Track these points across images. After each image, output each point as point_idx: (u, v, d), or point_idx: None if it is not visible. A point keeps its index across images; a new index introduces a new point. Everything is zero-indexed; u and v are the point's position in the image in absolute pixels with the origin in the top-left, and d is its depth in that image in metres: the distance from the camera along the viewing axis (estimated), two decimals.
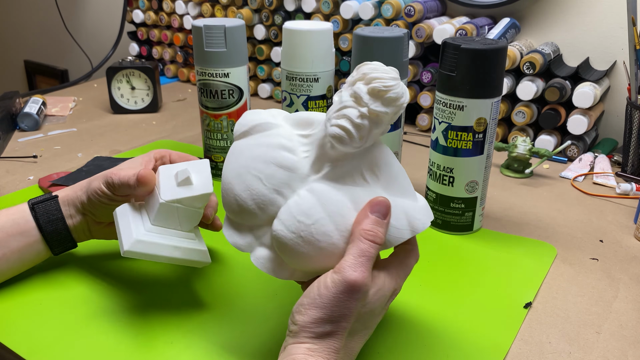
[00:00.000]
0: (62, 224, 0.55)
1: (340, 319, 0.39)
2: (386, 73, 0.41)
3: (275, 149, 0.44)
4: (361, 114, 0.41)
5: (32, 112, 1.02)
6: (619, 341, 0.50)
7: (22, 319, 0.51)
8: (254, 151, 0.44)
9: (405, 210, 0.43)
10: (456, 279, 0.58)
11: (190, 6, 1.27)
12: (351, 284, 0.39)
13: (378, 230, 0.41)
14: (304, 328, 0.39)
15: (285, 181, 0.43)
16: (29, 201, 0.55)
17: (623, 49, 0.92)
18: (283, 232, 0.42)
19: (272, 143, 0.44)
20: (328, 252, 0.41)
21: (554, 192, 0.80)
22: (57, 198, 0.55)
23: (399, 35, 0.66)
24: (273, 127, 0.46)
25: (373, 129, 0.41)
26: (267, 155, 0.44)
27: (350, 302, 0.39)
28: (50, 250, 0.56)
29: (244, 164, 0.44)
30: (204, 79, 0.76)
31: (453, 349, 0.48)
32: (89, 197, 0.54)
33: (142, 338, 0.49)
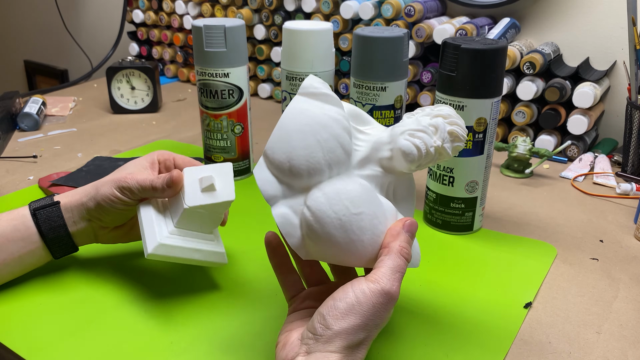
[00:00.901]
0: (64, 230, 0.54)
1: (373, 328, 0.39)
2: (463, 125, 0.46)
3: (340, 127, 0.43)
4: (435, 145, 0.44)
5: (32, 112, 1.02)
6: (619, 341, 0.50)
7: (22, 319, 0.51)
8: (323, 119, 0.43)
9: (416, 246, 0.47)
10: (456, 279, 0.58)
11: (190, 6, 1.27)
12: (390, 296, 0.39)
13: (410, 249, 0.42)
14: (340, 334, 0.38)
15: (339, 161, 0.43)
16: (30, 205, 0.55)
17: (623, 49, 0.92)
18: (324, 206, 0.41)
19: (338, 119, 0.44)
20: (353, 248, 0.42)
21: (554, 192, 0.80)
22: (59, 204, 0.55)
23: (399, 35, 0.66)
24: (338, 103, 0.46)
25: (430, 161, 0.45)
26: (335, 130, 0.43)
27: (385, 313, 0.39)
28: (51, 255, 0.55)
29: (311, 123, 0.43)
30: (204, 79, 0.76)
31: (453, 349, 0.48)
32: (98, 203, 0.53)
33: (142, 338, 0.49)
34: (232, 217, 0.69)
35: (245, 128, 0.80)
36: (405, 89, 0.71)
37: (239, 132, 0.79)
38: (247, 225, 0.68)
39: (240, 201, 0.73)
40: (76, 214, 0.55)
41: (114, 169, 0.81)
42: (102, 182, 0.55)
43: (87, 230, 0.56)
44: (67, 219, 0.55)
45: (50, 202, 0.55)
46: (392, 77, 0.68)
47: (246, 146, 0.81)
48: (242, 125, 0.79)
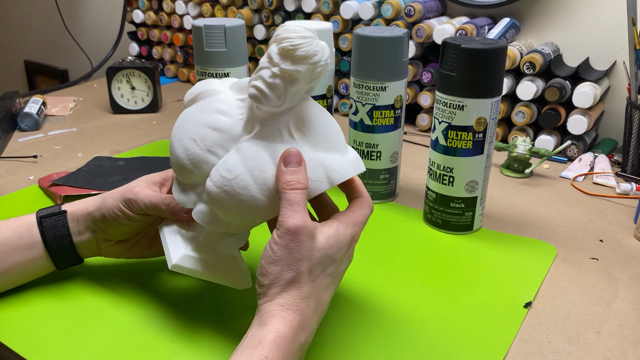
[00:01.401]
0: (68, 240, 0.54)
1: (296, 263, 0.41)
2: (296, 32, 0.43)
3: (211, 113, 0.47)
4: (273, 74, 0.43)
5: (32, 112, 1.02)
6: (619, 341, 0.50)
7: (23, 318, 0.51)
8: (192, 116, 0.48)
9: (324, 163, 0.45)
10: (456, 279, 0.58)
11: (190, 6, 1.27)
12: (293, 230, 0.41)
13: (297, 177, 0.43)
14: (270, 285, 0.42)
15: (217, 142, 0.46)
16: (38, 213, 0.54)
17: (623, 49, 0.92)
18: (211, 187, 0.45)
19: (209, 107, 0.48)
20: (249, 205, 0.44)
21: (554, 192, 0.80)
22: (65, 214, 0.54)
23: (399, 35, 0.66)
24: (215, 93, 0.49)
25: (288, 87, 0.44)
26: (202, 119, 0.47)
27: (300, 246, 0.41)
28: (54, 265, 0.55)
29: (183, 127, 0.48)
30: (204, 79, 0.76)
31: (453, 349, 0.48)
32: (103, 215, 0.53)
33: (142, 337, 0.49)
34: None
35: None
36: (405, 88, 0.71)
37: None
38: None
39: None
40: (82, 224, 0.54)
41: (114, 169, 0.81)
42: (110, 193, 0.54)
43: (90, 241, 0.55)
44: (72, 229, 0.54)
45: (57, 210, 0.54)
46: (392, 77, 0.68)
47: None
48: None
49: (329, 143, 0.46)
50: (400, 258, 0.62)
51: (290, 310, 0.41)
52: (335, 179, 0.45)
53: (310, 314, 0.42)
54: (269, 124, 0.45)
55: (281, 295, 0.41)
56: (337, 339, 0.49)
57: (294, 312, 0.41)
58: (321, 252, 0.42)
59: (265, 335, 0.39)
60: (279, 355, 0.39)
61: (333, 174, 0.45)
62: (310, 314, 0.42)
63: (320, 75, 0.45)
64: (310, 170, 0.44)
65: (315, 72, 0.44)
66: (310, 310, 0.42)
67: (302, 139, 0.46)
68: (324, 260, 0.43)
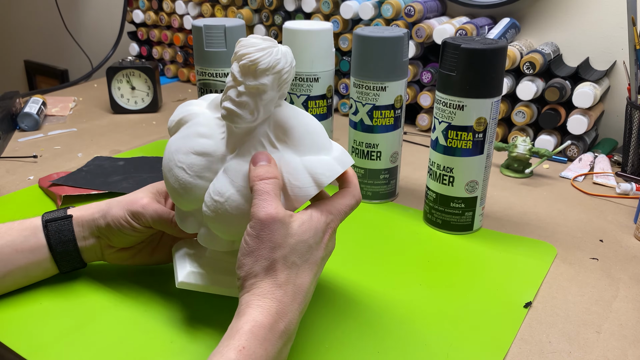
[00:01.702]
0: (72, 245, 0.54)
1: (270, 251, 0.41)
2: (253, 46, 0.43)
3: (193, 138, 0.47)
4: (239, 92, 0.43)
5: (32, 112, 1.02)
6: (619, 341, 0.50)
7: (23, 318, 0.51)
8: (177, 144, 0.48)
9: (309, 167, 0.45)
10: (456, 279, 0.58)
11: (190, 6, 1.27)
12: (263, 220, 0.42)
13: (266, 169, 0.44)
14: (246, 277, 0.42)
15: (205, 166, 0.47)
16: (43, 216, 0.54)
17: (623, 49, 0.92)
18: (206, 212, 0.46)
19: (190, 133, 0.48)
20: (245, 222, 0.44)
21: (554, 192, 0.80)
22: (71, 218, 0.54)
23: (399, 35, 0.66)
24: (195, 116, 0.49)
25: (258, 101, 0.44)
26: (186, 146, 0.47)
27: (272, 235, 0.42)
28: (58, 268, 0.55)
29: (171, 157, 0.48)
30: (204, 79, 0.76)
31: (453, 349, 0.48)
32: (108, 223, 0.53)
33: (142, 337, 0.49)
34: None
35: None
36: (405, 88, 0.71)
37: None
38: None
39: None
40: (86, 229, 0.54)
41: (114, 169, 0.81)
42: (116, 200, 0.54)
43: (94, 247, 0.55)
44: (77, 234, 0.54)
45: (63, 215, 0.54)
46: (392, 77, 0.68)
47: None
48: None
49: (311, 145, 0.46)
50: (400, 258, 0.62)
51: (266, 298, 0.41)
52: (322, 181, 0.45)
53: (288, 301, 0.41)
54: (250, 138, 0.46)
55: (257, 285, 0.41)
56: (337, 338, 0.49)
57: (271, 300, 0.41)
58: (294, 237, 0.42)
59: (242, 325, 0.39)
60: (256, 343, 0.38)
61: (319, 177, 0.45)
62: (288, 301, 0.41)
63: (288, 81, 0.45)
64: (296, 178, 0.45)
65: (281, 80, 0.44)
66: (288, 297, 0.41)
67: (284, 146, 0.46)
68: (298, 246, 0.42)
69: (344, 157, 0.47)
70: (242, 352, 0.37)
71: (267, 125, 0.46)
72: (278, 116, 0.46)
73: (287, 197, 0.45)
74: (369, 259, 0.61)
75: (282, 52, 0.44)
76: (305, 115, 0.47)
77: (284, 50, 0.44)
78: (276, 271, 0.42)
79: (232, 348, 0.38)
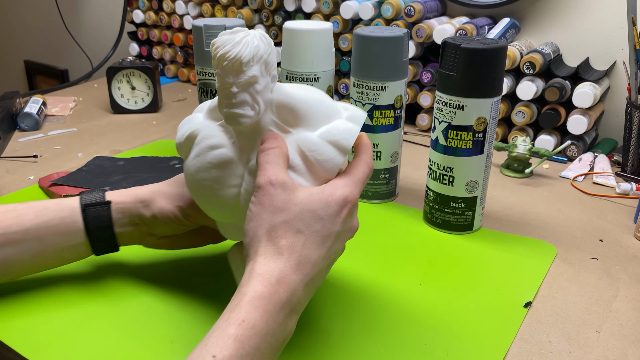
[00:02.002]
0: (110, 231, 0.53)
1: (271, 216, 0.41)
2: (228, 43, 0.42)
3: (207, 153, 0.47)
4: (232, 93, 0.43)
5: (33, 112, 1.02)
6: (619, 340, 0.50)
7: (23, 317, 0.51)
8: (194, 164, 0.48)
9: (327, 137, 0.44)
10: (456, 279, 0.58)
11: (190, 6, 1.27)
12: (262, 185, 0.41)
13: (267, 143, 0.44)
14: (249, 244, 0.41)
15: (229, 174, 0.46)
16: (81, 199, 0.53)
17: (623, 49, 0.92)
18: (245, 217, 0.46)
19: (203, 149, 0.47)
20: None
21: (554, 192, 0.80)
22: (110, 205, 0.53)
23: (399, 35, 0.66)
24: (199, 131, 0.48)
25: (254, 94, 0.43)
26: (204, 163, 0.47)
27: (272, 199, 0.41)
28: (92, 252, 0.54)
29: (194, 179, 0.48)
30: (204, 79, 0.76)
31: (453, 349, 0.48)
32: (154, 215, 0.53)
33: (142, 337, 0.49)
34: None
35: None
36: (405, 88, 0.71)
37: None
38: None
39: None
40: (126, 217, 0.54)
41: (114, 169, 0.81)
42: (160, 192, 0.53)
43: (133, 233, 0.55)
44: (116, 220, 0.53)
45: (102, 200, 0.53)
46: (392, 77, 0.68)
47: None
48: None
49: (319, 116, 0.45)
50: (400, 258, 0.62)
51: (267, 266, 0.39)
52: (344, 145, 0.44)
53: (290, 269, 0.39)
54: (260, 132, 0.45)
55: (259, 252, 0.40)
56: (337, 338, 0.49)
57: (272, 267, 0.39)
58: (299, 206, 0.41)
59: (241, 297, 0.38)
60: (256, 316, 0.37)
61: (341, 143, 0.44)
62: (290, 269, 0.39)
63: (274, 62, 0.44)
64: (320, 152, 0.44)
65: (268, 63, 0.43)
66: (290, 265, 0.39)
67: (296, 126, 0.45)
68: (304, 214, 0.41)
69: (355, 114, 0.46)
70: (241, 326, 0.36)
71: (270, 112, 0.45)
72: (277, 100, 0.45)
73: (317, 173, 0.44)
74: (368, 259, 0.61)
75: (257, 37, 0.43)
76: (303, 90, 0.46)
77: (258, 35, 0.43)
78: (278, 236, 0.40)
79: (231, 322, 0.36)
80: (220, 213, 0.48)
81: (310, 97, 0.46)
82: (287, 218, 0.40)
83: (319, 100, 0.46)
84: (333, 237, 0.42)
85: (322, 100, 0.46)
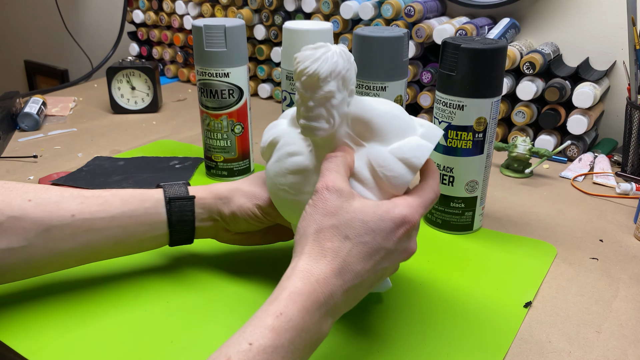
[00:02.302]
0: (191, 225, 0.55)
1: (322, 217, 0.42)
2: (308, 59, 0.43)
3: (285, 159, 0.49)
4: (309, 107, 0.44)
5: (32, 112, 1.02)
6: (619, 340, 0.50)
7: (24, 317, 0.51)
8: (274, 169, 0.50)
9: (398, 154, 0.45)
10: (456, 279, 0.58)
11: (190, 6, 1.27)
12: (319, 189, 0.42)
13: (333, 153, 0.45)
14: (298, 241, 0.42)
15: (304, 182, 0.48)
16: (165, 192, 0.54)
17: (623, 49, 0.92)
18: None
19: (282, 155, 0.49)
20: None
21: (554, 192, 0.80)
22: (194, 199, 0.54)
23: (399, 35, 0.66)
24: (281, 137, 0.50)
25: (330, 108, 0.44)
26: (282, 168, 0.49)
27: (326, 202, 0.42)
28: (168, 243, 0.56)
29: (273, 182, 0.50)
30: (204, 79, 0.76)
31: (453, 348, 0.48)
32: (233, 212, 0.54)
33: (143, 337, 0.49)
34: None
35: (246, 128, 0.80)
36: (405, 88, 0.71)
37: (239, 132, 0.79)
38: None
39: None
40: (207, 212, 0.55)
41: (114, 169, 0.81)
42: (238, 189, 0.55)
43: (210, 228, 0.56)
44: (197, 215, 0.55)
45: (186, 194, 0.54)
46: (392, 77, 0.68)
47: (246, 146, 0.81)
48: (242, 125, 0.79)
49: (394, 131, 0.46)
50: None
51: (309, 264, 0.40)
52: (415, 164, 0.44)
53: (330, 272, 0.40)
54: (335, 143, 0.46)
55: (304, 251, 0.41)
56: (337, 338, 0.49)
57: (313, 266, 0.40)
58: (351, 213, 0.41)
59: (282, 290, 0.38)
60: (294, 311, 0.37)
61: (412, 161, 0.44)
62: (330, 272, 0.40)
63: (352, 77, 0.45)
64: (389, 169, 0.44)
65: (345, 79, 0.44)
66: (332, 268, 0.40)
67: (369, 140, 0.46)
68: (354, 223, 0.41)
69: (430, 132, 0.46)
70: (279, 318, 0.37)
71: (346, 125, 0.46)
72: (353, 113, 0.46)
73: (385, 188, 0.45)
74: None
75: (337, 53, 0.44)
76: (379, 104, 0.47)
77: (338, 51, 0.44)
78: (324, 238, 0.41)
79: (269, 313, 0.37)
80: (294, 216, 0.50)
81: (385, 112, 0.46)
82: (336, 222, 0.41)
83: (395, 115, 0.46)
84: (382, 253, 0.42)
85: (398, 115, 0.46)
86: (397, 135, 0.45)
